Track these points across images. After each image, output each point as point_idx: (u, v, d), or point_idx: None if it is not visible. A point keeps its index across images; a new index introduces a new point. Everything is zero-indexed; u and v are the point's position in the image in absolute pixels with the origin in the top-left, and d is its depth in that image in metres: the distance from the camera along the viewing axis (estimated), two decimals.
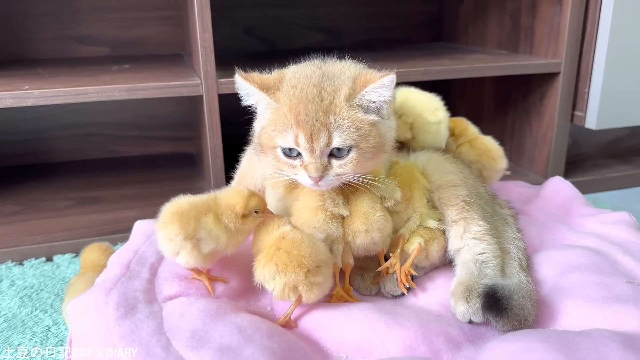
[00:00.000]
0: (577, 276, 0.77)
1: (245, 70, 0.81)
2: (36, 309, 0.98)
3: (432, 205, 0.87)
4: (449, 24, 1.89)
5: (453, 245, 0.85)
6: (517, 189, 1.09)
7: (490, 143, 1.12)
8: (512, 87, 1.58)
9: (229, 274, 0.82)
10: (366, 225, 0.78)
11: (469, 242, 0.83)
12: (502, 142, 1.64)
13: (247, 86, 0.79)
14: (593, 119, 1.38)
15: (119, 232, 1.22)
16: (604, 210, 0.95)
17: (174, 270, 0.79)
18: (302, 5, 1.79)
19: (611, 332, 0.62)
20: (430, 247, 0.84)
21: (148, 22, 1.66)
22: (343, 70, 0.78)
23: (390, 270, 0.82)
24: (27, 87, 1.09)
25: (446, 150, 1.05)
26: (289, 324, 0.72)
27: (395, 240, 0.83)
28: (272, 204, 0.86)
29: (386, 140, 0.78)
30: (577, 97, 1.42)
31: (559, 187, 1.03)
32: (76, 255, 1.17)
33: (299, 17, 1.78)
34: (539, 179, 1.48)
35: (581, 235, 0.90)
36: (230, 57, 1.32)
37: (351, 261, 0.79)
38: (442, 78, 1.29)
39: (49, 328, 0.92)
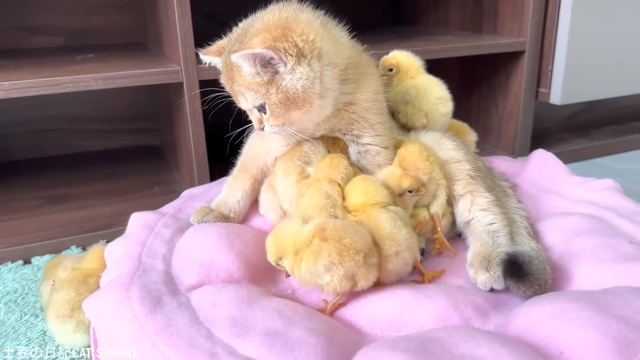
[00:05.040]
0: (583, 240, 0.80)
1: None
2: (25, 314, 0.92)
3: None
4: (408, 7, 1.92)
5: (462, 218, 0.87)
6: (504, 163, 1.13)
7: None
8: (476, 67, 1.63)
9: (240, 259, 0.79)
10: (395, 247, 0.72)
11: (477, 214, 0.85)
12: (468, 121, 1.70)
13: (208, 59, 0.85)
14: (558, 95, 1.45)
15: (99, 230, 1.16)
16: (590, 179, 1.00)
17: (190, 259, 0.77)
18: None
19: (632, 288, 0.66)
20: (440, 222, 0.86)
21: (104, 9, 1.59)
22: (255, 24, 0.79)
23: (441, 250, 0.84)
24: None
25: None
26: (322, 310, 0.71)
27: (433, 222, 0.84)
28: (282, 191, 0.85)
29: (300, 91, 0.75)
30: (541, 75, 1.48)
31: (544, 159, 1.08)
32: (56, 256, 1.11)
33: (263, 1, 1.75)
34: (507, 155, 1.54)
35: (574, 203, 0.95)
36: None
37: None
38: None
39: (45, 332, 0.87)
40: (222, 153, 1.02)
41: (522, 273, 0.72)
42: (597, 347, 0.55)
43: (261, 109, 0.79)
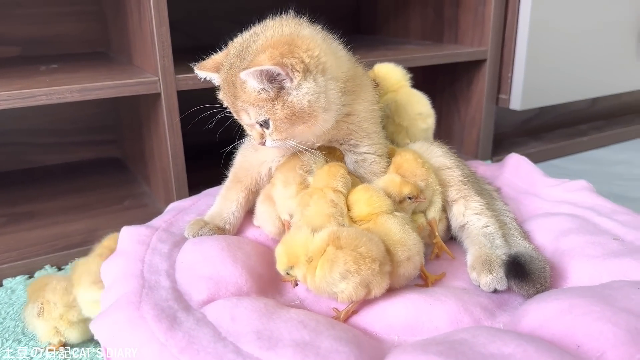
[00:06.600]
0: (572, 239, 0.85)
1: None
2: (7, 340, 0.87)
3: None
4: (367, 17, 1.96)
5: (456, 222, 0.90)
6: (480, 167, 1.17)
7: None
8: (438, 74, 1.68)
9: (246, 271, 0.78)
10: (407, 252, 0.74)
11: (471, 218, 0.88)
12: None
13: (204, 74, 0.84)
14: (517, 101, 1.52)
15: (74, 247, 1.11)
16: (564, 180, 1.06)
17: (196, 274, 0.75)
18: None
19: (629, 282, 0.70)
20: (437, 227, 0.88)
21: (61, 18, 1.52)
22: (257, 40, 0.78)
23: (439, 254, 0.86)
24: None
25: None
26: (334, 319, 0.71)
27: (430, 227, 0.86)
28: (281, 202, 0.84)
29: (306, 106, 0.75)
30: (501, 82, 1.55)
31: (518, 163, 1.13)
32: (30, 277, 1.05)
33: (224, 10, 1.74)
34: (470, 160, 1.60)
35: (553, 203, 1.00)
36: None
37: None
38: None
39: (32, 358, 0.83)
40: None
41: (524, 273, 0.75)
42: (613, 339, 0.59)
43: (264, 124, 0.78)
